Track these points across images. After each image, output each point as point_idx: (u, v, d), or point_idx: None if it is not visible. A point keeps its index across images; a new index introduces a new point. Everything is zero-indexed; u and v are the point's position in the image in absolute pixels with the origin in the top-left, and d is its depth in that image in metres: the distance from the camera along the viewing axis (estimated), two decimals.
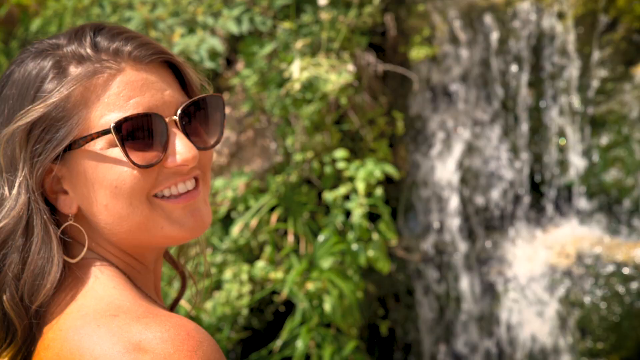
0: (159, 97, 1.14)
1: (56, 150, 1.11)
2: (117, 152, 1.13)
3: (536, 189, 4.53)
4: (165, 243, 1.20)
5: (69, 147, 1.12)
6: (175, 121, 1.15)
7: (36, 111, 1.11)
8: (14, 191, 1.11)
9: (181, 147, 1.14)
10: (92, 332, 1.04)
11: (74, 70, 1.13)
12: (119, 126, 1.11)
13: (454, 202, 4.48)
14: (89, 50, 1.14)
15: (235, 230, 4.12)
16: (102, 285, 1.12)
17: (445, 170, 4.50)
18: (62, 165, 1.14)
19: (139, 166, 1.13)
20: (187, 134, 1.16)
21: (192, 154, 1.15)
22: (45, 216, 1.12)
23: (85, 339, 1.04)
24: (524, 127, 4.46)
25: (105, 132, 1.12)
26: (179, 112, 1.15)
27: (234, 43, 4.47)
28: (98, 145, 1.12)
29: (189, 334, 1.04)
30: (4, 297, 1.10)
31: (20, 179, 1.11)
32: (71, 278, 1.12)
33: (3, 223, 1.11)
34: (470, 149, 4.48)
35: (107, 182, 1.13)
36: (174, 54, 1.21)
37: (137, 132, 1.12)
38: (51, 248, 1.11)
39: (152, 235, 1.17)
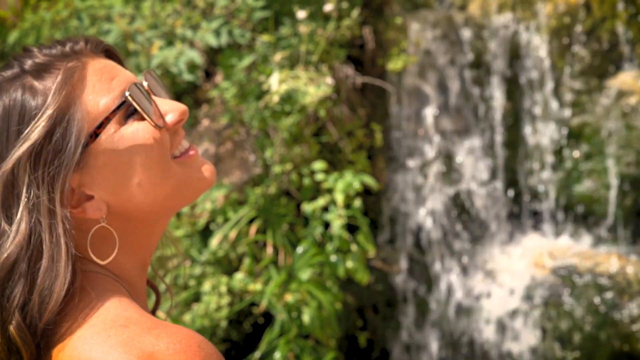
0: (127, 74, 1.19)
1: (77, 153, 1.11)
2: (131, 127, 1.14)
3: (512, 200, 4.57)
4: (192, 198, 1.22)
5: (85, 145, 1.12)
6: (147, 91, 1.19)
7: (40, 126, 1.10)
8: (17, 218, 1.10)
9: (170, 105, 1.18)
10: (103, 341, 1.03)
11: (47, 82, 1.13)
12: (132, 93, 1.14)
13: (432, 213, 4.51)
14: (49, 59, 1.15)
15: (214, 242, 4.11)
16: (107, 297, 1.11)
17: (422, 181, 4.53)
18: (80, 173, 1.13)
19: (159, 127, 1.15)
20: None
21: (184, 107, 1.20)
22: (58, 231, 1.10)
23: (96, 348, 1.03)
24: (500, 138, 4.51)
25: (119, 107, 1.13)
26: (145, 83, 1.19)
27: (213, 55, 4.48)
28: (110, 130, 1.13)
29: (200, 345, 1.03)
30: (11, 328, 1.08)
31: (24, 203, 1.10)
32: (77, 293, 1.11)
33: (7, 253, 1.09)
34: (446, 161, 4.52)
35: (135, 158, 1.14)
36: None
37: (138, 101, 1.15)
38: (59, 266, 1.09)
39: (183, 196, 1.19)
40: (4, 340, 1.09)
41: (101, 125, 1.12)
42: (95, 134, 1.12)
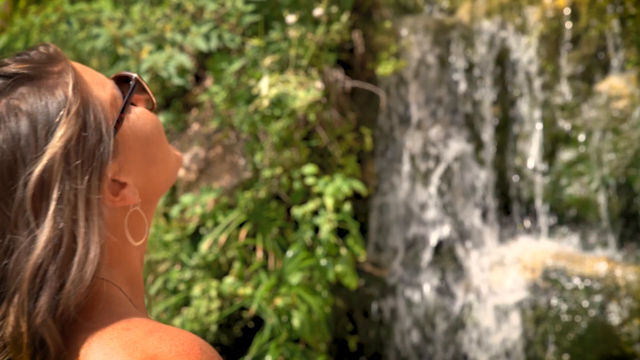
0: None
1: (111, 140, 1.12)
2: (135, 112, 1.19)
3: (502, 204, 4.59)
4: (173, 181, 1.28)
5: (115, 132, 1.14)
6: None
7: (72, 122, 1.10)
8: (47, 215, 1.07)
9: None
10: (105, 344, 1.03)
11: (57, 83, 1.12)
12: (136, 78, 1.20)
13: (422, 218, 4.52)
14: (38, 64, 1.14)
15: (204, 246, 4.11)
16: (112, 302, 1.12)
17: (413, 186, 4.54)
18: (115, 161, 1.15)
19: (155, 105, 1.23)
20: None
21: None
22: (93, 220, 1.10)
23: (98, 351, 1.03)
24: (489, 143, 4.52)
25: (132, 91, 1.18)
26: None
27: (203, 59, 4.48)
28: (125, 114, 1.18)
29: (202, 348, 1.04)
30: (42, 331, 1.05)
31: (55, 200, 1.08)
32: (94, 294, 1.12)
33: (37, 252, 1.06)
34: (434, 165, 4.53)
35: (150, 138, 1.19)
36: None
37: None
38: (91, 255, 1.09)
39: (176, 173, 1.26)
40: (30, 341, 1.05)
41: (123, 110, 1.15)
42: (120, 119, 1.15)
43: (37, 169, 1.07)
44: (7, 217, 1.07)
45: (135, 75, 1.18)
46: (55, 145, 1.08)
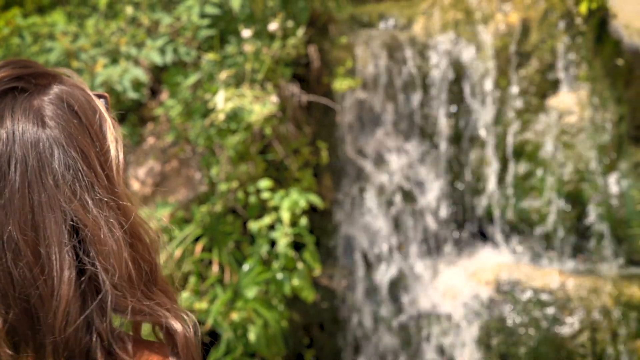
0: None
1: None
2: None
3: (457, 217, 4.63)
4: None
5: None
6: None
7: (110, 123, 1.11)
8: None
9: None
10: None
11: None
12: None
13: (378, 230, 4.54)
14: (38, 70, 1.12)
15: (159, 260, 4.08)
16: None
17: (368, 199, 4.56)
18: None
19: None
20: None
21: None
22: None
23: None
24: (443, 157, 4.56)
25: (108, 109, 1.18)
26: None
27: (158, 73, 4.47)
28: None
29: None
30: None
31: None
32: None
33: None
34: (390, 179, 4.56)
35: None
36: None
37: None
38: None
39: None
40: None
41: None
42: None
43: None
44: None
45: (106, 94, 1.15)
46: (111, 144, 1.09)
